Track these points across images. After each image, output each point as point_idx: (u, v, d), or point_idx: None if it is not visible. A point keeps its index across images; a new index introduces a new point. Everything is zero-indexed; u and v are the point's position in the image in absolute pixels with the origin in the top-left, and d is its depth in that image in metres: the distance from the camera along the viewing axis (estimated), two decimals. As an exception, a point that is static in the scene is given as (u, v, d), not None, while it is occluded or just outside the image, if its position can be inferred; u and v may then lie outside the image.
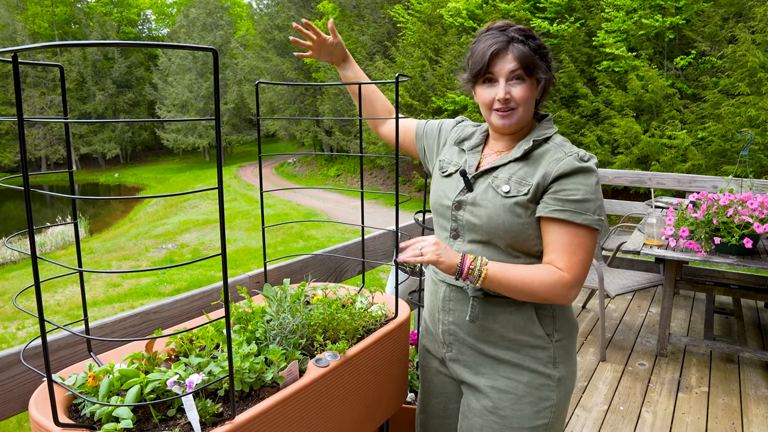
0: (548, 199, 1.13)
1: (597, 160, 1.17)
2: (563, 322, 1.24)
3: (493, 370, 1.24)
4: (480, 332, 1.23)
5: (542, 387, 1.22)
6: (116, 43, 0.69)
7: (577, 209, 1.11)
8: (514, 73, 1.14)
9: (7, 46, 2.15)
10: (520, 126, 1.20)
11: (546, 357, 1.22)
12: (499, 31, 1.16)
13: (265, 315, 1.26)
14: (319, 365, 1.13)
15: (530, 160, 1.18)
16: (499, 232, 1.16)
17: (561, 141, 1.19)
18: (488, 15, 12.32)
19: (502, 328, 1.21)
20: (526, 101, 1.16)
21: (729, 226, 2.60)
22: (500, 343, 1.22)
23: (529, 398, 1.21)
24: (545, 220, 1.14)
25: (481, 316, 1.22)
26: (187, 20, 30.29)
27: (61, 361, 1.19)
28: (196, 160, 32.82)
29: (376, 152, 14.69)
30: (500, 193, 1.17)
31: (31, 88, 29.98)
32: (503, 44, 1.14)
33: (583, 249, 1.12)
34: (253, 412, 0.96)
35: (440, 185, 1.30)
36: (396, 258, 1.59)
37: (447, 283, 1.27)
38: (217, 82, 0.79)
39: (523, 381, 1.22)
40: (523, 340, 1.21)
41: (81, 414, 0.97)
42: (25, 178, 0.79)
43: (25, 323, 6.97)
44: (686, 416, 2.53)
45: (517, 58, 1.13)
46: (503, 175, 1.18)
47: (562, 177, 1.12)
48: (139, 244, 12.05)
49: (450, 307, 1.27)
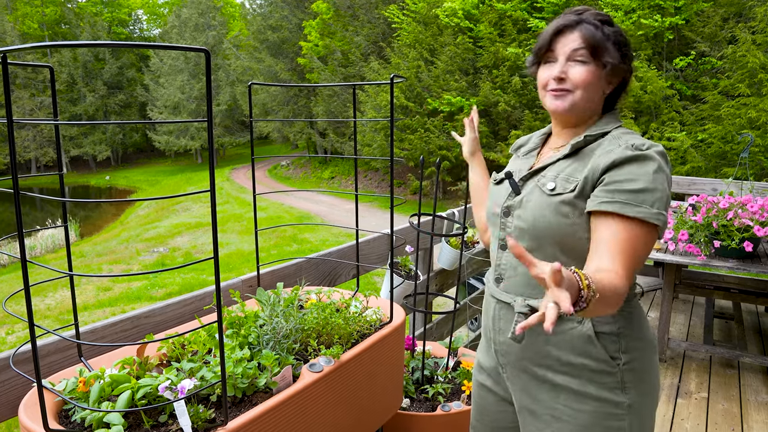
0: (598, 192, 0.99)
1: (662, 148, 1.01)
2: (633, 342, 1.06)
3: (552, 397, 1.09)
4: (533, 355, 1.10)
5: (609, 416, 1.05)
6: (107, 43, 0.68)
7: (630, 200, 0.94)
8: (577, 52, 1.03)
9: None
10: (575, 112, 1.08)
11: (612, 382, 1.05)
12: (575, 14, 1.07)
13: (258, 319, 1.25)
14: (312, 370, 1.12)
15: (581, 156, 1.06)
16: (546, 236, 1.05)
17: (619, 133, 1.05)
18: (484, 15, 12.36)
19: (557, 350, 1.07)
20: (585, 85, 1.04)
21: (729, 230, 2.59)
22: (557, 367, 1.08)
23: (594, 429, 1.05)
24: (594, 217, 0.99)
25: (531, 336, 1.09)
26: (179, 20, 30.15)
27: (51, 366, 1.17)
28: (188, 162, 32.66)
29: (370, 154, 14.69)
30: (545, 191, 1.06)
31: (20, 90, 29.69)
32: (572, 23, 1.05)
33: (634, 248, 0.93)
34: (246, 417, 0.95)
35: (491, 194, 1.22)
36: (391, 261, 1.59)
37: (496, 299, 1.15)
38: (210, 83, 0.78)
39: (585, 410, 1.05)
40: (583, 363, 1.05)
41: (71, 420, 0.96)
42: (15, 181, 0.78)
43: (15, 328, 6.89)
44: (685, 422, 2.52)
45: (583, 36, 1.03)
46: (551, 173, 1.08)
47: (612, 167, 0.98)
48: (130, 247, 11.96)
49: (500, 326, 1.15)
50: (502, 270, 1.16)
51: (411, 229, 2.24)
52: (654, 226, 0.95)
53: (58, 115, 1.03)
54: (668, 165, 1.01)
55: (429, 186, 14.03)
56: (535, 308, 1.03)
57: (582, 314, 0.83)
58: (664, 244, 2.90)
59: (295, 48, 21.76)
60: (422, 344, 1.91)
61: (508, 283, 1.14)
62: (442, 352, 2.01)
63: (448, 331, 2.66)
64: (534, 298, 1.09)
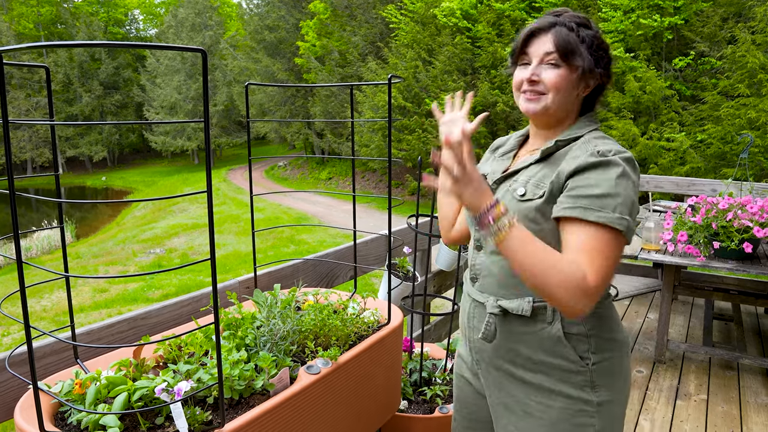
0: (562, 198, 1.01)
1: (629, 154, 1.02)
2: (603, 342, 1.09)
3: (524, 394, 1.12)
4: (505, 353, 1.12)
5: (579, 413, 1.08)
6: (103, 43, 0.68)
7: (591, 205, 0.96)
8: (549, 55, 1.04)
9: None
10: (549, 114, 1.08)
11: (582, 381, 1.08)
12: (552, 15, 1.08)
13: (255, 321, 1.25)
14: (310, 372, 1.11)
15: (551, 161, 1.07)
16: None
17: (590, 138, 1.06)
18: (483, 15, 12.35)
19: (528, 349, 1.09)
20: (558, 88, 1.05)
21: (728, 231, 2.58)
22: (529, 365, 1.10)
23: (563, 426, 1.08)
24: (561, 223, 1.01)
25: (502, 335, 1.11)
26: (176, 20, 30.09)
27: (47, 368, 1.16)
28: (185, 163, 32.59)
29: (368, 155, 14.69)
30: (516, 197, 1.07)
31: (16, 90, 29.57)
32: (546, 25, 1.06)
33: (601, 254, 0.94)
34: (243, 420, 0.95)
35: None
36: (389, 262, 1.59)
37: (472, 298, 1.17)
38: (206, 84, 0.78)
39: (556, 407, 1.08)
40: (554, 363, 1.08)
41: (67, 422, 0.95)
42: (11, 182, 0.77)
43: (10, 329, 6.86)
44: (685, 424, 2.51)
45: (554, 40, 1.04)
46: (522, 178, 1.09)
47: (576, 173, 1.00)
48: (126, 248, 11.92)
49: (474, 324, 1.18)
50: (477, 270, 1.18)
51: (409, 230, 2.24)
52: (618, 231, 0.96)
53: (54, 115, 1.03)
54: (635, 171, 1.02)
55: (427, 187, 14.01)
56: (506, 309, 1.10)
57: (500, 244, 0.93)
58: (663, 245, 2.90)
59: (293, 48, 21.74)
60: (420, 346, 1.91)
61: (482, 282, 1.16)
62: (440, 353, 2.00)
63: (446, 332, 2.66)
64: (506, 299, 1.11)
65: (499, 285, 1.12)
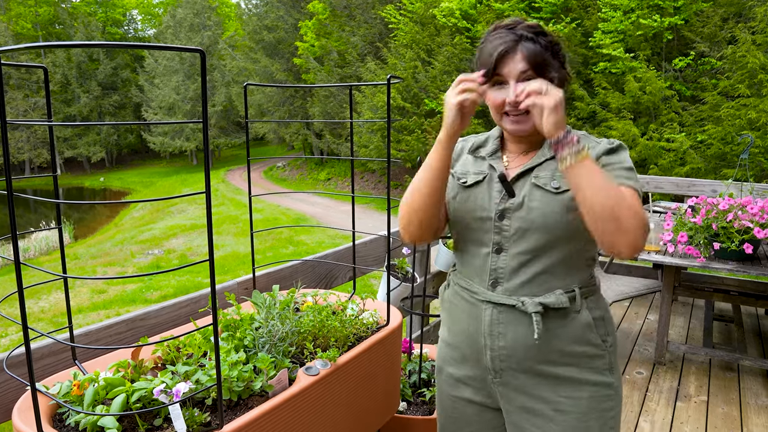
0: None
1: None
2: (610, 325, 1.19)
3: (553, 391, 1.14)
4: (537, 352, 1.13)
5: (604, 399, 1.14)
6: (101, 44, 0.68)
7: (627, 176, 1.09)
8: (525, 73, 1.08)
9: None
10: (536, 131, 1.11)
11: (602, 365, 1.14)
12: (507, 30, 1.10)
13: (254, 322, 1.25)
14: (309, 374, 1.11)
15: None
16: (559, 234, 1.09)
17: (584, 133, 1.18)
18: (482, 15, 12.33)
19: (561, 342, 1.13)
20: None
21: (729, 231, 2.58)
22: (560, 359, 1.13)
23: (593, 414, 1.13)
24: None
25: (545, 334, 1.13)
26: (174, 21, 30.07)
27: (45, 369, 1.16)
28: (183, 163, 32.56)
29: (367, 156, 14.69)
30: (551, 190, 1.10)
31: (14, 90, 29.53)
32: (511, 44, 1.08)
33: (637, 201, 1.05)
34: (242, 421, 0.94)
35: (466, 197, 1.18)
36: (388, 263, 1.58)
37: (494, 304, 1.15)
38: (205, 84, 0.78)
39: (584, 397, 1.13)
40: (582, 351, 1.13)
41: (66, 423, 0.95)
42: (8, 182, 0.77)
43: (8, 330, 6.84)
44: (685, 426, 2.51)
45: (526, 57, 1.07)
46: (545, 174, 1.12)
47: (604, 155, 1.12)
48: (124, 249, 11.90)
49: (500, 331, 1.14)
50: (499, 273, 1.15)
51: (407, 230, 2.23)
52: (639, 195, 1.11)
53: (52, 116, 1.02)
54: None
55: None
56: (547, 305, 1.12)
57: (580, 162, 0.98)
58: (663, 246, 2.89)
59: (291, 48, 21.74)
60: (419, 347, 1.91)
61: (508, 285, 1.14)
62: (438, 353, 2.00)
63: (445, 332, 2.66)
64: (540, 296, 1.12)
65: (531, 284, 1.12)
